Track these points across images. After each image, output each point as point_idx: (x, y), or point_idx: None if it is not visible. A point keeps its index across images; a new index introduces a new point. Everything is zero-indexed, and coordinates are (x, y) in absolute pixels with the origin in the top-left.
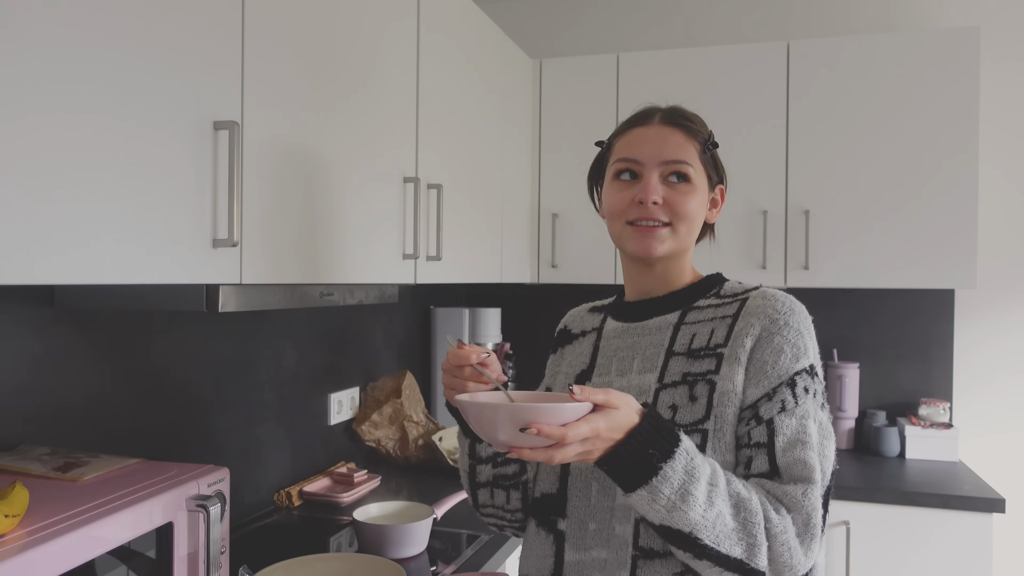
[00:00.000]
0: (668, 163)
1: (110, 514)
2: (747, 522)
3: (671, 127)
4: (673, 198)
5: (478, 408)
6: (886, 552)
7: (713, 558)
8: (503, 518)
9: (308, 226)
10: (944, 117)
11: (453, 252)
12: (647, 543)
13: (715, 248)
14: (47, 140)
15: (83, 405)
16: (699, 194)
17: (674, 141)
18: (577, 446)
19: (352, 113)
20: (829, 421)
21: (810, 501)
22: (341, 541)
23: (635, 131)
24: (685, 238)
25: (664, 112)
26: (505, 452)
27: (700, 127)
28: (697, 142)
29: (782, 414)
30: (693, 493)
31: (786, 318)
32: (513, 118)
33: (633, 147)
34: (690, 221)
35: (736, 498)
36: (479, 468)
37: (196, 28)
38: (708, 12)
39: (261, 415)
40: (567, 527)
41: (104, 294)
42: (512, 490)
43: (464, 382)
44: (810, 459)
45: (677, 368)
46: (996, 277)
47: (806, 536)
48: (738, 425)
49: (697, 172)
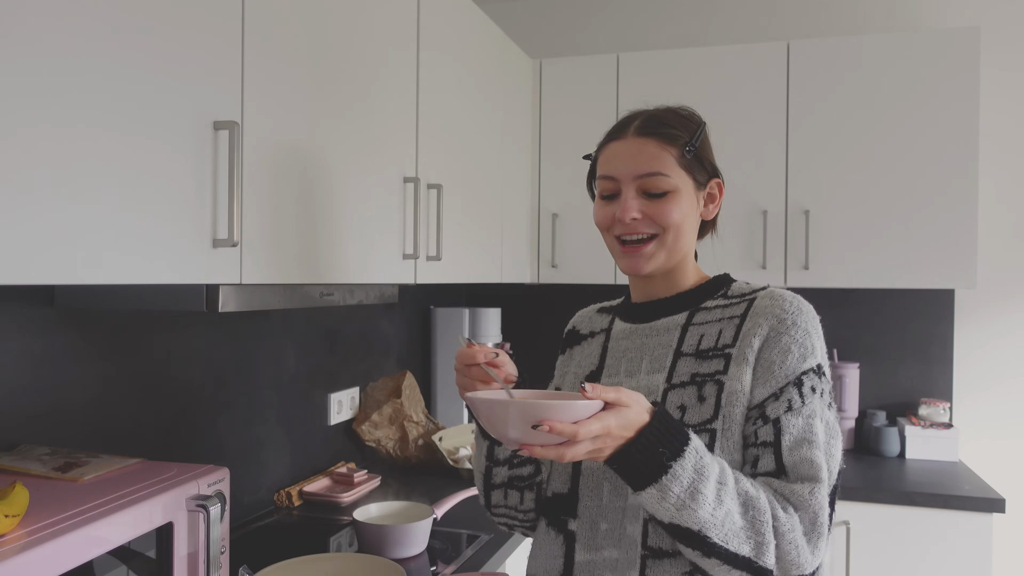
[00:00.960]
0: (642, 177)
1: (110, 514)
2: (755, 520)
3: (645, 138)
4: (653, 210)
5: (489, 405)
6: (886, 552)
7: (721, 556)
8: (515, 518)
9: (308, 226)
10: (944, 117)
11: (453, 252)
12: (656, 543)
13: (715, 248)
14: (47, 140)
15: (83, 405)
16: (682, 200)
17: (648, 153)
18: (588, 444)
19: (352, 113)
20: (836, 421)
21: (817, 500)
22: (341, 541)
23: (611, 146)
24: (674, 247)
25: (640, 122)
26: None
27: (680, 130)
28: (675, 147)
29: (789, 413)
30: (702, 491)
31: (794, 318)
32: (513, 118)
33: (610, 163)
34: (676, 229)
35: (745, 496)
36: (496, 470)
37: (196, 28)
38: (708, 12)
39: (261, 415)
40: (578, 527)
41: (104, 294)
42: (527, 491)
43: (472, 381)
44: (816, 458)
45: (685, 369)
46: (996, 277)
47: (813, 535)
48: (745, 424)
49: (677, 178)
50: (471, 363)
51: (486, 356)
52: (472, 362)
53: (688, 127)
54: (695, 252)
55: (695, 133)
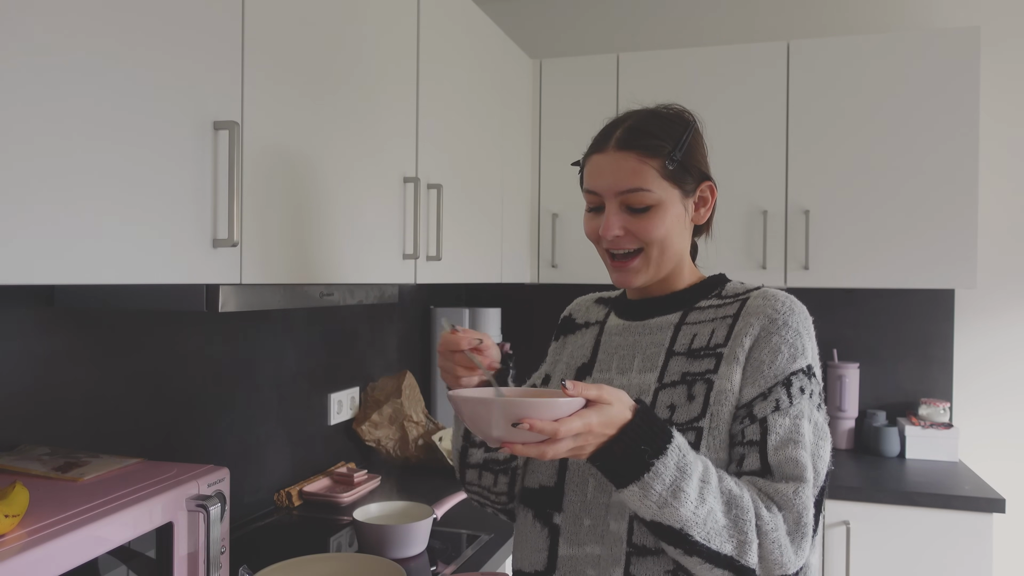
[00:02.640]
0: (624, 193)
1: (110, 514)
2: (738, 519)
3: (626, 152)
4: (636, 226)
5: (471, 404)
6: (886, 552)
7: (703, 555)
8: (487, 498)
9: (308, 226)
10: (944, 117)
11: (453, 252)
12: (640, 540)
13: (715, 248)
14: (47, 140)
15: (83, 405)
16: (666, 213)
17: (628, 168)
18: (569, 441)
19: (352, 113)
20: (826, 422)
21: (801, 500)
22: (341, 541)
23: (594, 159)
24: (661, 260)
25: (621, 133)
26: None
27: (663, 139)
28: (657, 160)
29: (776, 413)
30: (685, 490)
31: (785, 318)
32: (513, 118)
33: (592, 178)
34: (661, 243)
35: (728, 495)
36: (471, 451)
37: (196, 28)
38: (708, 12)
39: (261, 415)
40: (562, 521)
41: (104, 294)
42: (501, 475)
43: (455, 367)
44: (802, 458)
45: (677, 368)
46: (996, 277)
47: (796, 534)
48: (733, 423)
49: (661, 191)
50: (455, 349)
51: (470, 343)
52: (456, 348)
53: (672, 133)
54: (696, 249)
55: (680, 140)
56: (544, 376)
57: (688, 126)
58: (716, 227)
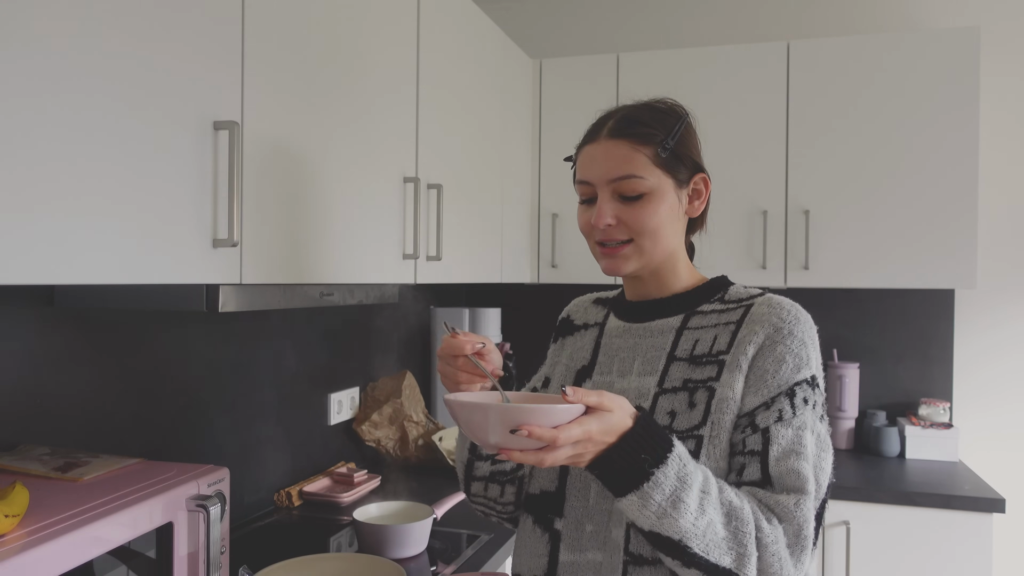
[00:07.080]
0: (616, 180)
1: (110, 514)
2: (738, 531)
3: (618, 140)
4: (628, 215)
5: (468, 409)
6: (886, 552)
7: (702, 567)
8: (493, 508)
9: (308, 226)
10: (944, 117)
11: (453, 252)
12: (637, 549)
13: (715, 248)
14: (47, 141)
15: (83, 405)
16: (659, 203)
17: (620, 155)
18: (568, 449)
19: (352, 113)
20: (828, 434)
21: (802, 512)
22: (341, 541)
23: (586, 149)
24: (653, 251)
25: (613, 123)
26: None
27: (655, 127)
28: (649, 147)
29: (779, 424)
30: (684, 500)
31: (791, 327)
32: (513, 118)
33: (584, 167)
34: (653, 233)
35: (728, 507)
36: (477, 464)
37: (196, 28)
38: (708, 12)
39: (261, 415)
40: (563, 527)
41: (104, 294)
42: (508, 485)
43: (457, 372)
44: (803, 469)
45: (678, 373)
46: (996, 277)
47: (796, 547)
48: (734, 432)
49: (654, 179)
50: (457, 354)
51: (473, 347)
52: (459, 353)
53: (665, 123)
54: (693, 249)
55: (673, 129)
56: (544, 378)
57: (681, 117)
58: (715, 227)
